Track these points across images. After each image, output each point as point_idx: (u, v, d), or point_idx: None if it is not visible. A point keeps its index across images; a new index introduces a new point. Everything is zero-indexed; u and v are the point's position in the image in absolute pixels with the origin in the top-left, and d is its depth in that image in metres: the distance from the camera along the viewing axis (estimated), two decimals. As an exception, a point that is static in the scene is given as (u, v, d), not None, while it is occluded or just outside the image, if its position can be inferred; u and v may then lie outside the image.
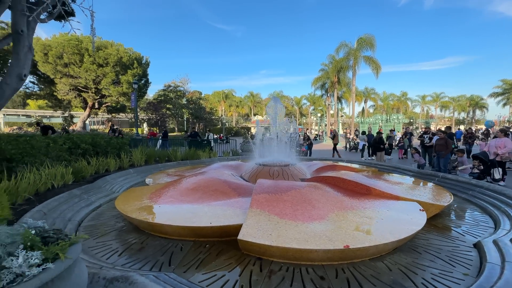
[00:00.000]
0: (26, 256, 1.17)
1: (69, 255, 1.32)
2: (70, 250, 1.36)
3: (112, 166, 7.45)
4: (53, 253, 1.27)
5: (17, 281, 1.10)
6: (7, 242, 1.21)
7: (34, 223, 1.52)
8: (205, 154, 10.89)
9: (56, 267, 1.22)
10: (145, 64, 29.16)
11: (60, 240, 1.43)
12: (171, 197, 4.30)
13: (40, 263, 1.19)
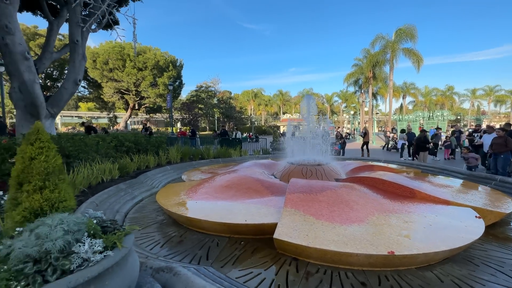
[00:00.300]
0: (90, 243, 1.28)
1: (124, 245, 1.42)
2: (125, 240, 1.47)
3: (152, 162, 7.96)
4: (112, 242, 1.38)
5: (84, 265, 1.21)
6: (74, 230, 1.33)
7: (94, 213, 1.66)
8: (236, 152, 11.09)
9: (114, 255, 1.32)
10: (179, 66, 30.67)
11: (116, 230, 1.54)
12: (207, 194, 4.45)
13: (102, 250, 1.30)
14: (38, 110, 5.47)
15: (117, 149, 7.26)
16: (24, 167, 1.32)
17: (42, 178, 1.34)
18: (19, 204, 1.30)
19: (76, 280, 1.12)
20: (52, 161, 1.39)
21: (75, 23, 5.78)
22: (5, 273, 1.04)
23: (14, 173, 1.33)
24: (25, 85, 5.03)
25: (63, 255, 1.20)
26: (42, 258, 1.16)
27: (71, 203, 1.47)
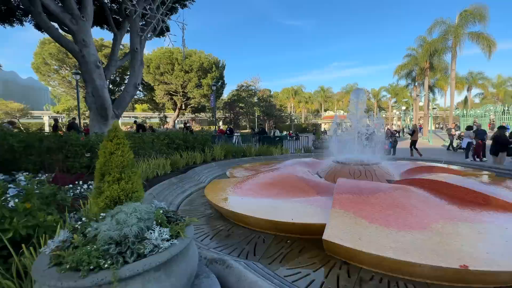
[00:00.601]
0: (159, 231, 1.40)
1: (186, 235, 1.51)
2: (187, 230, 1.56)
3: (198, 159, 8.45)
4: (176, 231, 1.48)
5: (155, 251, 1.32)
6: (145, 218, 1.46)
7: (159, 204, 1.80)
8: (277, 150, 11.08)
9: (179, 244, 1.41)
10: (222, 67, 31.89)
11: (178, 221, 1.65)
12: (251, 191, 4.53)
13: (168, 238, 1.40)
14: (107, 112, 6.29)
15: (168, 146, 7.91)
16: (105, 161, 1.51)
17: (119, 171, 1.52)
18: (102, 193, 1.50)
19: (149, 264, 1.24)
20: (126, 155, 1.57)
21: (135, 33, 6.46)
22: (96, 252, 1.19)
23: (98, 165, 1.54)
24: (97, 90, 5.83)
25: (138, 240, 1.33)
26: (122, 242, 1.31)
27: (141, 193, 1.64)
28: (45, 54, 25.39)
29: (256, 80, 39.23)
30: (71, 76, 24.33)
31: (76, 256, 1.16)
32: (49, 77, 27.58)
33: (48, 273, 1.16)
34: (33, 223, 1.91)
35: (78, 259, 1.14)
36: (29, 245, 1.90)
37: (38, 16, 5.65)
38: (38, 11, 5.57)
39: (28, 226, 1.88)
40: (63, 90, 29.50)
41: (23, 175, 4.35)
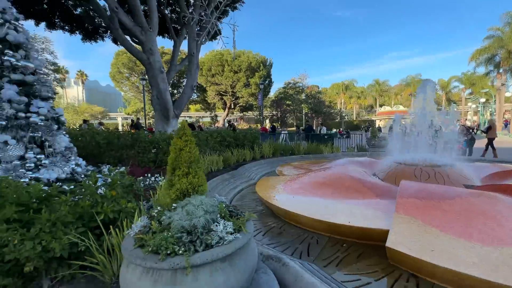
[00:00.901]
0: (224, 224, 1.46)
1: (248, 229, 1.55)
2: (247, 225, 1.60)
3: (248, 156, 8.69)
4: (238, 226, 1.53)
5: (220, 242, 1.39)
6: (210, 211, 1.55)
7: (220, 198, 1.89)
8: (327, 149, 10.62)
9: (242, 238, 1.46)
10: (269, 66, 32.10)
11: (238, 215, 1.71)
12: (303, 189, 4.44)
13: (232, 232, 1.46)
14: (168, 112, 6.99)
15: (220, 143, 8.35)
16: (176, 156, 1.67)
17: (187, 166, 1.66)
18: (173, 185, 1.66)
19: (217, 255, 1.31)
20: (193, 151, 1.70)
21: (192, 38, 6.98)
22: (172, 239, 1.31)
23: (169, 160, 1.72)
24: (161, 93, 6.54)
25: (205, 231, 1.42)
26: (192, 231, 1.41)
27: (205, 187, 1.75)
28: (119, 64, 29.61)
29: (303, 76, 38.30)
30: (138, 82, 27.82)
31: (156, 241, 1.30)
32: (122, 84, 32.11)
33: (134, 253, 1.33)
34: (117, 208, 2.23)
35: (158, 244, 1.28)
36: (115, 227, 2.24)
37: (116, 32, 6.63)
38: (115, 27, 6.53)
39: (114, 210, 2.21)
40: (132, 94, 33.96)
41: (106, 167, 5.16)
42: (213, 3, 6.97)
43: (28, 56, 3.65)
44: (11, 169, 3.19)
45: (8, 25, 3.42)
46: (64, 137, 3.88)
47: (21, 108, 3.43)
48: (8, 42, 3.40)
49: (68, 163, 3.79)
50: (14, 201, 2.09)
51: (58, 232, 1.88)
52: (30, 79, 3.57)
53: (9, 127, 3.29)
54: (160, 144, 5.79)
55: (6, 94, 3.27)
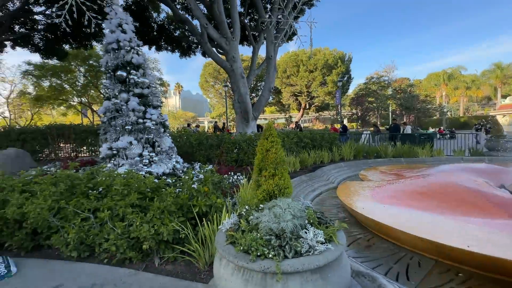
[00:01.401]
0: (314, 232, 1.35)
1: (339, 241, 1.38)
2: (339, 236, 1.43)
3: (326, 158, 8.23)
4: (329, 235, 1.38)
5: (310, 251, 1.28)
6: (298, 216, 1.46)
7: (306, 202, 1.78)
8: (424, 152, 8.87)
9: (335, 250, 1.30)
10: (348, 61, 29.73)
11: (328, 224, 1.55)
12: (395, 198, 3.81)
13: (323, 241, 1.33)
14: (248, 115, 7.40)
15: (297, 144, 8.22)
16: (262, 157, 1.68)
17: (273, 167, 1.64)
18: (260, 186, 1.67)
19: (308, 265, 1.21)
20: (279, 153, 1.67)
21: (270, 42, 7.17)
22: (261, 240, 1.29)
23: (256, 161, 1.75)
24: (241, 97, 7.00)
25: (294, 236, 1.34)
26: (281, 235, 1.36)
27: (291, 190, 1.69)
28: (206, 74, 33.77)
29: (390, 69, 33.56)
30: (222, 89, 30.96)
31: (246, 241, 1.31)
32: (208, 91, 36.49)
33: (227, 249, 1.39)
34: (209, 203, 2.45)
35: (248, 244, 1.28)
36: (207, 220, 2.47)
37: (205, 45, 7.54)
38: (205, 41, 7.43)
39: (206, 205, 2.44)
40: (217, 100, 38.09)
41: (198, 164, 5.90)
42: (291, 4, 6.94)
43: (145, 73, 4.55)
44: (134, 163, 4.03)
45: (133, 50, 4.35)
46: (168, 139, 4.64)
47: (140, 115, 4.30)
48: (133, 64, 4.33)
49: (170, 160, 4.51)
50: (136, 190, 2.60)
51: (165, 219, 2.21)
52: (146, 92, 4.43)
53: (133, 130, 4.18)
54: (241, 144, 6.18)
55: (131, 105, 4.17)
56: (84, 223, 2.37)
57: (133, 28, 4.53)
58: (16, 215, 2.37)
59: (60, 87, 19.03)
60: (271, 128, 1.72)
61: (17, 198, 2.48)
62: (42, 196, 2.48)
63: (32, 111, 23.51)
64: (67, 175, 2.84)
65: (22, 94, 20.89)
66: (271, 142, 1.67)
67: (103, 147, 4.16)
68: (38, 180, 2.76)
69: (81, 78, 19.77)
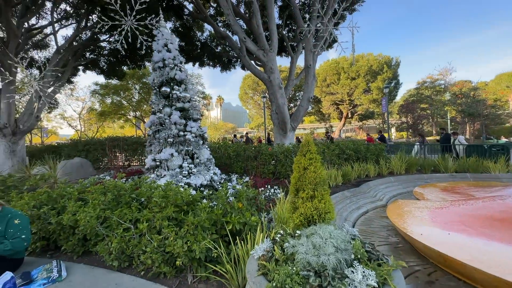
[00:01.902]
0: (363, 273, 1.10)
1: (396, 285, 1.11)
2: (396, 278, 1.15)
3: (372, 172, 7.50)
4: (382, 277, 1.12)
5: (358, 297, 1.04)
6: (342, 248, 1.23)
7: (351, 230, 1.53)
8: (498, 166, 7.43)
9: (391, 299, 1.03)
10: (395, 66, 27.51)
11: (380, 260, 1.28)
12: (464, 225, 3.17)
13: (375, 286, 1.07)
14: (286, 126, 7.23)
15: (339, 156, 7.69)
16: (299, 176, 1.50)
17: (312, 187, 1.44)
18: (296, 209, 1.49)
19: (356, 316, 0.97)
20: (318, 171, 1.47)
21: (308, 51, 6.97)
22: (297, 277, 1.10)
23: (293, 180, 1.57)
24: (279, 107, 6.89)
25: (338, 276, 1.12)
26: (321, 272, 1.14)
27: (333, 215, 1.46)
28: (245, 87, 34.80)
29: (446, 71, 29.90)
30: (260, 100, 31.47)
31: (280, 275, 1.13)
32: (247, 103, 37.42)
33: (258, 281, 1.22)
34: (243, 220, 2.33)
35: (282, 281, 1.10)
36: (240, 238, 2.34)
37: (243, 58, 7.71)
38: (243, 54, 7.61)
39: (240, 222, 2.32)
40: (255, 111, 38.78)
41: (235, 176, 5.90)
42: (330, 10, 6.70)
43: (187, 88, 4.78)
44: (174, 175, 4.19)
45: (176, 67, 4.62)
46: (207, 150, 4.74)
47: (181, 128, 4.49)
48: (176, 80, 4.59)
49: (208, 171, 4.57)
50: (173, 203, 2.63)
51: (199, 236, 2.15)
52: (187, 105, 4.64)
53: (174, 143, 4.37)
54: (278, 156, 6.01)
55: (173, 118, 4.38)
56: (126, 233, 2.46)
57: (177, 46, 4.84)
58: (70, 222, 2.59)
59: (119, 103, 21.65)
60: (309, 143, 1.53)
61: (72, 205, 2.72)
62: (92, 205, 2.68)
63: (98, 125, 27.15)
64: (114, 185, 3.05)
65: (90, 110, 24.35)
66: (309, 159, 1.48)
67: (148, 159, 4.44)
68: (91, 189, 3.01)
69: (136, 94, 22.21)
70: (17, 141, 7.30)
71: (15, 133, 7.21)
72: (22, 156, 7.52)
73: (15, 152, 7.25)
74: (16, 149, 7.30)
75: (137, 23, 5.30)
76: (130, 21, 5.30)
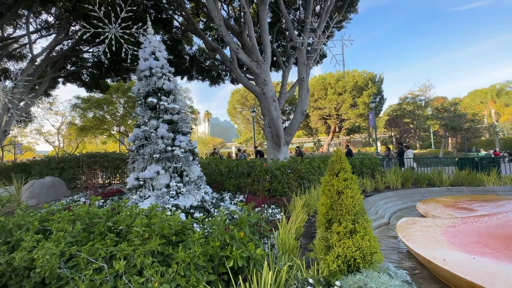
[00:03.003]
0: None
1: None
2: None
3: (368, 187, 7.25)
4: None
5: None
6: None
7: (402, 274, 1.13)
8: (491, 179, 7.43)
9: None
10: (379, 82, 28.60)
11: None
12: (487, 246, 2.86)
13: None
14: (280, 140, 6.93)
15: (334, 171, 7.44)
16: (332, 203, 1.13)
17: (351, 219, 1.07)
18: (330, 247, 1.10)
19: None
20: (357, 196, 1.10)
21: (302, 64, 6.85)
22: None
23: (323, 208, 1.19)
24: (273, 121, 6.61)
25: None
26: None
27: (381, 256, 1.08)
28: (234, 101, 34.76)
29: (425, 88, 31.46)
30: (249, 114, 31.38)
31: None
32: (236, 117, 37.24)
33: None
34: (246, 254, 1.89)
35: None
36: (243, 277, 1.89)
37: (235, 71, 7.50)
38: (235, 67, 7.40)
39: (243, 257, 1.88)
40: (244, 126, 38.60)
41: (227, 194, 5.42)
42: (323, 23, 6.69)
43: (175, 99, 4.38)
44: (160, 195, 3.67)
45: (165, 76, 4.24)
46: (197, 167, 4.27)
47: (169, 143, 4.03)
48: (164, 90, 4.19)
49: (199, 191, 4.09)
50: (158, 233, 2.15)
51: (192, 278, 1.68)
52: (176, 118, 4.22)
53: (161, 159, 3.89)
54: (274, 172, 5.63)
55: (160, 132, 3.94)
56: (97, 275, 1.94)
57: (165, 55, 4.49)
58: (23, 262, 2.03)
59: (102, 118, 20.69)
60: (342, 159, 1.17)
61: (29, 239, 2.16)
62: (55, 238, 2.14)
63: (78, 140, 25.75)
64: (86, 211, 2.52)
65: (71, 125, 23.10)
66: (344, 180, 1.11)
67: (130, 177, 3.91)
68: (55, 217, 2.46)
69: (121, 109, 21.40)
70: (-20, 158, 6.47)
71: (-22, 150, 6.40)
72: (-14, 175, 6.66)
73: (-23, 171, 6.39)
74: (-21, 167, 6.44)
75: (122, 31, 4.94)
76: (114, 29, 4.94)
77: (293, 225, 3.32)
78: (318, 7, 10.02)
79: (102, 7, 4.58)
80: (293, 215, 3.90)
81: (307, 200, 4.92)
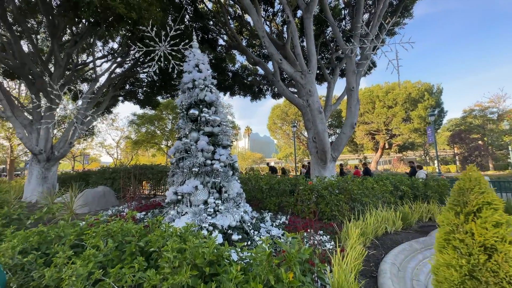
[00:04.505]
0: None
1: None
2: None
3: (436, 213, 6.00)
4: None
5: None
6: None
7: None
8: None
9: None
10: (437, 93, 25.47)
11: None
12: None
13: None
14: (326, 155, 6.28)
15: (392, 193, 6.37)
16: (472, 266, 0.60)
17: None
18: None
19: None
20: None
21: (351, 72, 6.24)
22: None
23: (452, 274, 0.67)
24: (319, 134, 6.05)
25: None
26: None
27: None
28: (274, 116, 34.76)
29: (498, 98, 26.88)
30: (289, 129, 30.86)
31: None
32: (276, 133, 37.03)
33: None
34: (298, 308, 1.40)
35: None
36: None
37: (277, 83, 7.26)
38: (277, 79, 7.17)
39: (293, 310, 1.39)
40: (284, 141, 38.07)
41: (268, 214, 4.95)
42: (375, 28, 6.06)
43: (217, 111, 4.23)
44: (197, 212, 3.41)
45: (207, 88, 4.14)
46: (237, 183, 3.96)
47: (209, 156, 3.83)
48: (205, 102, 4.08)
49: (238, 209, 3.73)
50: (190, 262, 1.82)
51: (225, 336, 1.26)
52: (216, 130, 4.03)
53: (200, 173, 3.68)
54: (320, 192, 4.99)
55: (200, 144, 3.76)
56: (120, 306, 1.67)
57: (208, 67, 4.44)
58: (52, 281, 1.88)
59: (153, 132, 22.55)
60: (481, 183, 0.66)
61: (60, 255, 2.03)
62: (85, 257, 1.97)
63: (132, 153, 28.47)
64: (120, 226, 2.35)
65: (127, 139, 25.74)
66: (496, 225, 0.59)
67: (169, 191, 3.77)
68: (91, 232, 2.33)
69: (169, 124, 23.08)
70: (50, 167, 7.33)
71: (49, 159, 7.27)
72: (53, 182, 7.48)
73: (46, 179, 7.22)
74: (48, 175, 7.28)
75: (170, 48, 5.13)
76: (164, 47, 5.17)
77: (351, 261, 2.68)
78: (367, 15, 9.38)
79: (154, 28, 4.85)
80: (347, 247, 3.24)
81: (362, 228, 4.15)
